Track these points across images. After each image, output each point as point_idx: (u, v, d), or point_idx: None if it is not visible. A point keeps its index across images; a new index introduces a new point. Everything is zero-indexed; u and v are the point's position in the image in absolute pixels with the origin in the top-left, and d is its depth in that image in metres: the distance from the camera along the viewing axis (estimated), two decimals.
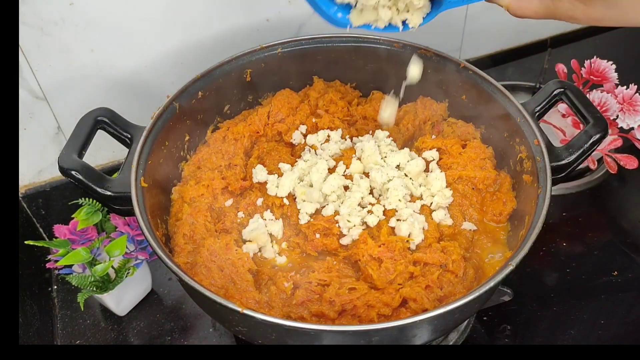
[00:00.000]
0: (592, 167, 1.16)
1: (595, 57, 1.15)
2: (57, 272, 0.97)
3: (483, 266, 0.86)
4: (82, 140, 0.82)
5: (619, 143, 1.11)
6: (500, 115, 0.94)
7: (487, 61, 1.41)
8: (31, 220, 1.12)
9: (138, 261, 0.96)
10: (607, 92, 1.10)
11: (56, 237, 0.94)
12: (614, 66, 1.14)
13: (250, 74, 1.01)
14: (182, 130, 0.95)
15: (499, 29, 1.37)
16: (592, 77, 1.15)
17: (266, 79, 1.04)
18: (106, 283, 0.94)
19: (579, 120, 0.89)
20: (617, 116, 1.10)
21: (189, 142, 0.97)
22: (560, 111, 1.13)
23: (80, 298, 0.91)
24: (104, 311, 1.03)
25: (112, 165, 1.14)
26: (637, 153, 1.10)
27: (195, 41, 1.06)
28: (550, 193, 0.80)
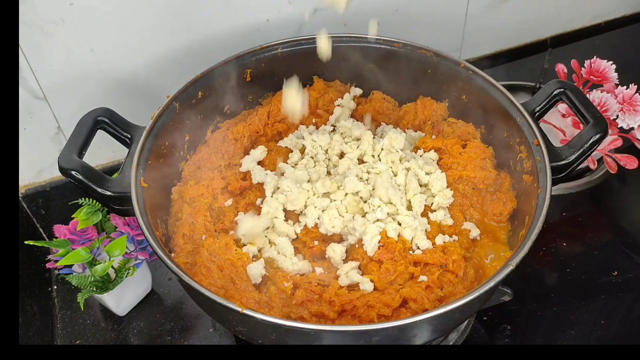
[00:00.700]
0: (592, 167, 1.16)
1: (595, 57, 1.15)
2: (57, 272, 0.97)
3: (483, 266, 0.86)
4: (82, 140, 0.82)
5: (619, 143, 1.10)
6: (500, 115, 0.94)
7: (487, 61, 1.41)
8: (31, 220, 1.12)
9: (138, 261, 0.96)
10: (607, 92, 1.10)
11: (56, 237, 0.94)
12: (614, 66, 1.14)
13: (250, 74, 1.01)
14: (182, 130, 0.95)
15: (499, 29, 1.38)
16: (592, 77, 1.15)
17: (266, 79, 1.04)
18: (106, 283, 0.94)
19: (579, 120, 0.89)
20: (617, 116, 1.10)
21: (189, 142, 0.97)
22: (560, 111, 1.13)
23: (80, 298, 0.91)
24: (104, 311, 1.03)
25: (112, 165, 1.14)
26: (637, 153, 1.10)
27: (195, 41, 1.06)
28: (550, 193, 0.80)
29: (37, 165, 1.07)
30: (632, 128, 1.11)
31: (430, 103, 1.04)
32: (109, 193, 0.80)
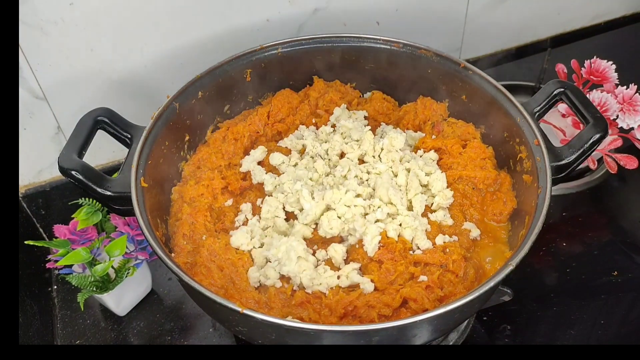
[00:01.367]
0: (592, 167, 1.16)
1: (595, 57, 1.15)
2: (57, 272, 0.97)
3: (483, 266, 0.86)
4: (82, 140, 0.82)
5: (619, 143, 1.11)
6: (500, 115, 0.94)
7: (487, 61, 1.41)
8: (31, 220, 1.11)
9: (138, 261, 0.96)
10: (607, 92, 1.10)
11: (56, 237, 0.94)
12: (614, 66, 1.14)
13: (250, 74, 1.01)
14: (182, 130, 0.95)
15: (499, 29, 1.38)
16: (592, 77, 1.15)
17: (266, 79, 1.04)
18: (106, 283, 0.94)
19: (579, 120, 0.89)
20: (617, 116, 1.10)
21: (189, 142, 0.97)
22: (560, 111, 1.13)
23: (80, 298, 0.91)
24: (104, 311, 1.03)
25: (112, 165, 1.14)
26: (637, 153, 1.10)
27: (195, 41, 1.06)
28: (550, 193, 0.80)
29: (37, 165, 1.07)
30: (632, 128, 1.11)
31: (430, 103, 1.04)
32: (109, 193, 0.80)
